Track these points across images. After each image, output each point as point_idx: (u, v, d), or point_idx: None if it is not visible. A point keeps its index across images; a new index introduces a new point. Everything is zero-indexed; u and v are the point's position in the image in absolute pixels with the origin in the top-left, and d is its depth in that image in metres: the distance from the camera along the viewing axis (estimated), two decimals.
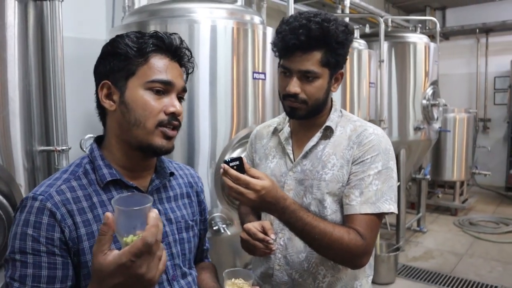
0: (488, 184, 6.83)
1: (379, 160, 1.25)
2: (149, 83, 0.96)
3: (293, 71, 1.24)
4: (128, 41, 0.97)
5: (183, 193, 1.15)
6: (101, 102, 0.99)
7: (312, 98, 1.26)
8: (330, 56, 1.23)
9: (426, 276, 3.90)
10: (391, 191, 1.25)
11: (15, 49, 1.48)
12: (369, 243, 1.20)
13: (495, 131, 7.13)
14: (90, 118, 3.22)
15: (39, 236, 0.86)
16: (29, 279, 0.85)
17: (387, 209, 1.22)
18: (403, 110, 4.40)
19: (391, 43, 4.32)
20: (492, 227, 5.26)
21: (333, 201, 1.28)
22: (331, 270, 1.31)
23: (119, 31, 2.31)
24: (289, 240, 1.33)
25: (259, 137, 1.51)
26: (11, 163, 1.48)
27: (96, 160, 0.99)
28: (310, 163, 1.32)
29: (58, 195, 0.91)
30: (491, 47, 7.02)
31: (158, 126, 0.96)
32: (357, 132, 1.30)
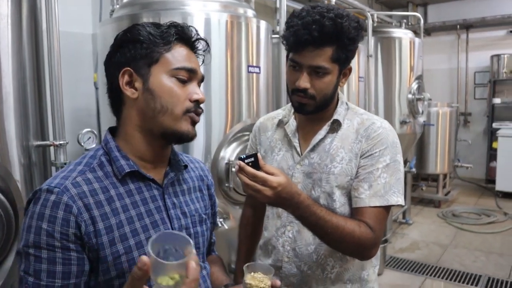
0: (469, 177, 6.99)
1: (387, 153, 1.26)
2: (175, 70, 0.96)
3: (303, 66, 1.23)
4: (150, 29, 0.96)
5: (196, 187, 1.14)
6: (122, 90, 0.96)
7: (321, 93, 1.26)
8: (341, 52, 1.23)
9: (413, 266, 3.98)
10: (399, 183, 1.27)
11: (8, 40, 1.44)
12: (378, 235, 1.22)
13: (476, 125, 7.31)
14: (77, 113, 3.17)
15: (54, 231, 0.84)
16: (43, 274, 0.83)
17: (395, 202, 1.24)
18: (389, 104, 4.46)
19: (377, 38, 4.36)
20: (475, 218, 5.39)
21: (341, 194, 1.29)
22: (339, 261, 1.32)
23: (110, 24, 2.28)
24: (298, 232, 1.34)
25: (264, 129, 1.50)
26: (7, 159, 1.44)
27: (113, 152, 0.97)
28: (318, 156, 1.32)
29: (74, 188, 0.88)
30: (472, 43, 7.17)
31: (186, 112, 0.96)
32: (365, 125, 1.31)
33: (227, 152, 2.19)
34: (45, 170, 1.63)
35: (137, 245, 0.93)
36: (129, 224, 0.93)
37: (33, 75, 1.56)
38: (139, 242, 0.93)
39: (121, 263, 0.90)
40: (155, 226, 0.97)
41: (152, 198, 0.99)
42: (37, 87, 1.59)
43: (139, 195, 0.97)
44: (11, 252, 1.42)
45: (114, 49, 0.99)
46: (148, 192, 0.99)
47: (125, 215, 0.93)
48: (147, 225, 0.96)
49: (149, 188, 0.99)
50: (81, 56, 3.16)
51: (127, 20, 2.16)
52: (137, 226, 0.94)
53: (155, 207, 0.99)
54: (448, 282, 3.67)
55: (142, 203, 0.97)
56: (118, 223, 0.91)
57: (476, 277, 3.73)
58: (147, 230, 0.95)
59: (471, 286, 3.57)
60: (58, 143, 1.53)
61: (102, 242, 0.88)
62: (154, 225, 0.97)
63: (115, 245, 0.90)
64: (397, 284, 3.64)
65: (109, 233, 0.90)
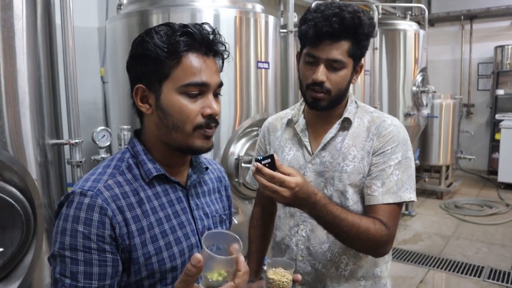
0: (471, 168, 7.02)
1: (399, 150, 1.27)
2: (184, 87, 0.92)
3: (320, 59, 1.24)
4: (158, 41, 0.91)
5: (215, 188, 1.16)
6: (137, 106, 0.97)
7: (336, 87, 1.26)
8: (356, 47, 1.24)
9: (416, 258, 4.02)
10: (411, 180, 1.28)
11: (23, 41, 1.45)
12: (392, 232, 1.23)
13: (478, 116, 7.31)
14: (84, 107, 3.19)
15: (90, 233, 0.85)
16: (80, 276, 0.85)
17: (408, 198, 1.26)
18: (393, 97, 4.47)
19: (382, 30, 4.36)
20: (477, 209, 5.43)
21: (354, 192, 1.30)
22: (353, 258, 1.34)
23: (119, 20, 2.29)
24: (311, 231, 1.35)
25: (273, 129, 1.50)
26: (24, 157, 1.46)
27: (140, 155, 0.98)
28: (330, 155, 1.33)
29: (107, 191, 0.90)
30: (475, 33, 7.14)
31: (196, 128, 0.94)
32: (376, 123, 1.31)
33: (237, 147, 2.21)
34: (60, 168, 1.66)
35: (167, 246, 0.95)
36: (158, 225, 0.95)
37: (48, 73, 1.58)
38: (168, 243, 0.96)
39: (152, 264, 0.93)
40: (182, 227, 1.00)
41: (178, 200, 1.01)
42: (51, 85, 1.60)
43: (166, 197, 0.99)
44: (30, 249, 1.45)
45: (130, 61, 0.98)
46: (173, 194, 1.01)
47: (155, 217, 0.95)
48: (175, 226, 0.98)
49: (174, 190, 1.02)
50: (87, 50, 3.16)
51: (136, 16, 2.17)
52: (166, 227, 0.96)
53: (181, 209, 1.01)
54: (451, 274, 3.72)
55: (169, 205, 0.99)
56: (149, 225, 0.94)
57: (478, 268, 3.77)
58: (175, 231, 0.98)
59: (474, 277, 3.62)
60: (74, 142, 1.55)
61: (134, 243, 0.90)
62: (181, 226, 1.00)
63: (146, 246, 0.92)
64: (401, 275, 3.69)
65: (141, 234, 0.92)
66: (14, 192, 1.38)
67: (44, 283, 1.53)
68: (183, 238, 0.98)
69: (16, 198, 1.38)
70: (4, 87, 1.38)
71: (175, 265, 0.95)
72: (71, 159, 1.57)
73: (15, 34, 1.42)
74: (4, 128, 1.38)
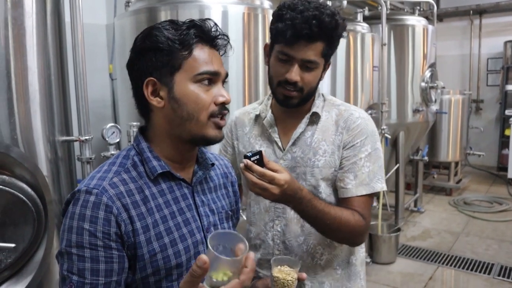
0: (481, 164, 6.96)
1: (368, 142, 1.31)
2: (198, 75, 0.94)
3: (295, 59, 1.24)
4: (168, 34, 0.93)
5: (221, 184, 1.16)
6: (148, 100, 0.96)
7: (308, 86, 1.28)
8: (329, 48, 1.27)
9: (425, 255, 4.01)
10: (381, 170, 1.33)
11: (33, 38, 1.46)
12: (368, 221, 1.30)
13: (488, 112, 7.24)
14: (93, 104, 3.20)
15: (96, 230, 0.86)
16: (87, 273, 0.86)
17: (380, 188, 1.31)
18: (402, 92, 4.44)
19: (390, 25, 4.31)
20: (486, 206, 5.39)
21: (326, 185, 1.33)
22: (328, 248, 1.37)
23: (128, 17, 2.29)
24: (286, 226, 1.37)
25: (240, 124, 1.49)
26: (35, 154, 1.47)
27: (145, 152, 0.99)
28: (300, 150, 1.34)
29: (112, 189, 0.91)
30: (485, 28, 7.06)
31: (210, 117, 0.95)
32: (344, 117, 1.34)
33: None
34: (70, 165, 1.67)
35: (171, 243, 0.95)
36: (163, 223, 0.96)
37: (58, 71, 1.59)
38: (174, 239, 0.96)
39: (157, 261, 0.93)
40: (187, 224, 1.00)
41: (183, 197, 1.01)
42: (61, 83, 1.61)
43: (171, 194, 0.99)
44: (41, 244, 1.46)
45: (135, 56, 0.98)
46: (179, 191, 1.01)
47: (159, 214, 0.96)
48: (180, 223, 0.98)
49: (180, 187, 1.02)
50: (95, 47, 3.17)
51: (144, 13, 2.18)
52: (170, 224, 0.97)
53: (186, 205, 1.01)
54: (460, 271, 3.69)
55: (174, 202, 0.99)
56: (154, 222, 0.94)
57: (488, 265, 3.74)
58: (180, 228, 0.98)
59: (484, 274, 3.59)
60: (84, 139, 1.55)
61: (139, 241, 0.91)
62: (186, 223, 1.00)
63: (151, 243, 0.92)
64: (410, 272, 3.67)
65: (146, 232, 0.92)
66: (25, 188, 1.39)
67: (55, 278, 1.54)
68: (188, 235, 0.99)
69: (27, 194, 1.39)
70: (15, 85, 1.39)
71: (180, 261, 0.96)
72: (81, 156, 1.58)
73: (26, 32, 1.42)
74: (15, 125, 1.39)
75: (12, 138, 1.38)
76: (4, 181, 1.35)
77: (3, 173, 1.36)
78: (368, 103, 3.46)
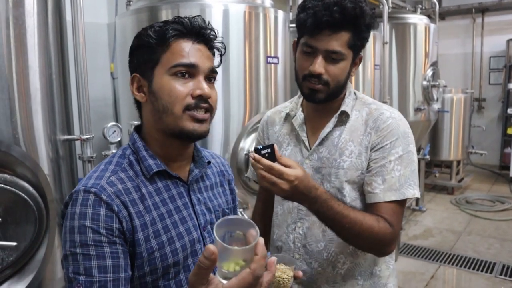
0: (483, 163, 6.95)
1: (399, 144, 1.21)
2: (173, 68, 0.94)
3: (319, 50, 1.18)
4: (150, 32, 0.97)
5: (217, 182, 1.16)
6: (134, 95, 1.00)
7: (335, 80, 1.21)
8: (357, 39, 1.20)
9: (426, 253, 4.00)
10: (414, 175, 1.22)
11: (35, 37, 1.46)
12: (397, 230, 1.18)
13: (490, 110, 7.23)
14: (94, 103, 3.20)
15: (99, 227, 0.86)
16: (95, 270, 0.84)
17: (412, 195, 1.21)
18: (403, 91, 4.43)
19: (392, 24, 4.31)
20: (488, 205, 5.38)
21: (352, 189, 1.25)
22: (350, 257, 1.29)
23: (129, 16, 2.29)
24: (308, 229, 1.31)
25: (271, 123, 1.46)
26: (36, 153, 1.47)
27: (140, 151, 0.99)
28: (327, 151, 1.28)
29: (110, 187, 0.91)
30: (487, 27, 7.04)
31: (185, 110, 0.94)
32: (374, 116, 1.26)
33: (246, 143, 2.21)
34: (72, 164, 1.67)
35: (169, 241, 0.95)
36: (160, 220, 0.96)
37: (59, 70, 1.59)
38: (171, 238, 0.96)
39: (154, 259, 0.93)
40: (183, 222, 1.00)
41: (179, 195, 1.02)
42: (62, 82, 1.61)
43: (167, 193, 1.00)
44: (43, 243, 1.47)
45: (129, 55, 1.02)
46: (175, 190, 1.01)
47: (157, 212, 0.96)
48: (176, 221, 0.98)
49: (176, 185, 1.02)
50: (97, 46, 3.17)
51: (146, 12, 2.17)
52: (167, 222, 0.97)
53: (183, 204, 1.01)
54: (462, 270, 3.69)
55: (170, 201, 0.99)
56: (151, 220, 0.94)
57: (490, 264, 3.74)
58: (177, 226, 0.98)
59: (486, 273, 3.59)
60: (85, 137, 1.56)
61: (138, 238, 0.91)
62: (183, 221, 1.00)
63: (149, 241, 0.92)
64: (411, 271, 3.67)
65: (144, 229, 0.92)
66: (27, 187, 1.40)
67: (57, 277, 1.55)
68: (185, 233, 0.99)
69: (28, 193, 1.40)
70: (16, 84, 1.39)
71: (177, 260, 0.96)
72: (82, 155, 1.59)
73: (27, 31, 1.43)
74: (16, 124, 1.39)
75: (13, 137, 1.39)
76: (5, 180, 1.35)
77: (4, 172, 1.36)
78: None
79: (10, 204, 1.34)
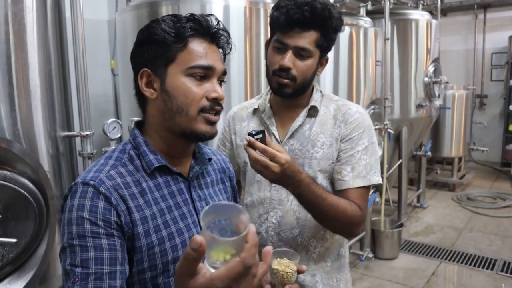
0: (484, 160, 6.93)
1: (365, 136, 1.34)
2: (190, 69, 0.94)
3: (289, 46, 1.27)
4: (165, 26, 0.94)
5: (218, 179, 1.15)
6: (141, 91, 0.98)
7: (302, 75, 1.30)
8: (324, 39, 1.29)
9: (427, 250, 4.00)
10: (377, 164, 1.36)
11: (34, 33, 1.46)
12: (364, 213, 1.31)
13: (492, 107, 7.20)
14: (95, 100, 3.20)
15: (97, 219, 0.85)
16: (91, 262, 0.84)
17: (376, 181, 1.34)
18: (405, 87, 4.41)
19: (393, 20, 4.28)
20: (490, 202, 5.37)
21: (323, 177, 1.36)
22: (321, 241, 1.40)
23: (129, 12, 2.29)
24: (282, 217, 1.38)
25: (239, 118, 1.51)
26: (36, 150, 1.47)
27: (141, 146, 0.99)
28: (298, 143, 1.37)
29: (109, 180, 0.91)
30: (489, 23, 7.01)
31: (200, 112, 0.95)
32: (342, 111, 1.37)
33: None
34: (72, 160, 1.67)
35: (169, 236, 0.95)
36: (160, 216, 0.95)
37: (58, 67, 1.59)
38: (171, 233, 0.96)
39: (154, 254, 0.92)
40: (183, 219, 0.99)
41: (180, 191, 1.01)
42: (62, 78, 1.61)
43: (167, 189, 0.99)
44: (43, 239, 1.47)
45: (135, 48, 1.00)
46: (175, 186, 1.01)
47: (157, 207, 0.95)
48: (176, 217, 0.98)
49: (176, 181, 1.01)
50: (97, 43, 3.17)
51: (146, 8, 2.17)
52: (167, 218, 0.96)
53: (182, 200, 1.01)
54: (463, 266, 3.69)
55: (170, 196, 0.99)
56: (152, 215, 0.94)
57: (491, 261, 3.73)
58: (177, 222, 0.98)
59: (487, 270, 3.59)
60: (85, 134, 1.55)
61: (138, 232, 0.91)
62: (183, 217, 0.99)
63: (149, 235, 0.92)
64: (412, 268, 3.67)
65: (144, 223, 0.92)
66: (27, 183, 1.40)
67: (58, 274, 1.55)
68: (185, 229, 0.98)
69: (29, 190, 1.40)
70: (16, 80, 1.39)
71: (176, 256, 0.95)
72: (82, 151, 1.58)
73: (26, 27, 1.42)
74: (16, 120, 1.39)
75: (13, 134, 1.38)
76: (5, 176, 1.35)
77: (5, 168, 1.36)
78: (371, 98, 3.44)
79: (10, 200, 1.34)
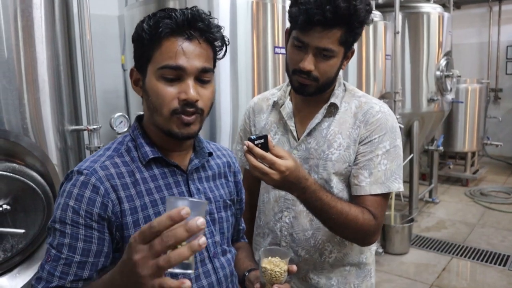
0: (498, 155, 6.82)
1: (387, 139, 1.23)
2: (160, 70, 0.92)
3: (309, 46, 1.17)
4: (145, 25, 0.93)
5: (220, 173, 1.16)
6: (133, 88, 1.01)
7: (325, 76, 1.22)
8: (349, 35, 1.18)
9: (439, 245, 3.96)
10: (399, 169, 1.25)
11: (42, 29, 1.48)
12: (380, 222, 1.22)
13: (506, 101, 7.06)
14: (106, 95, 3.23)
15: (80, 208, 0.89)
16: (65, 248, 0.88)
17: (397, 188, 1.24)
18: (416, 81, 4.36)
19: (404, 13, 4.24)
20: (503, 197, 5.29)
21: (339, 180, 1.27)
22: (338, 246, 1.32)
23: (137, 7, 2.30)
24: (295, 218, 1.33)
25: (258, 110, 1.45)
26: (45, 144, 1.50)
27: (138, 138, 1.01)
28: (315, 142, 1.29)
29: (102, 170, 0.93)
30: (504, 15, 6.86)
31: (173, 113, 0.93)
32: (363, 110, 1.27)
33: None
34: (80, 154, 1.70)
35: None
36: (152, 206, 0.96)
37: (66, 62, 1.61)
38: None
39: None
40: None
41: (176, 184, 1.02)
42: (70, 73, 1.64)
43: (163, 180, 1.00)
44: None
45: None
46: (172, 178, 1.02)
47: (149, 198, 0.97)
48: None
49: (173, 173, 1.02)
50: (108, 38, 3.21)
51: (154, 3, 2.18)
52: (160, 209, 0.97)
53: (178, 192, 1.02)
54: (475, 262, 3.65)
55: (166, 188, 1.00)
56: (143, 205, 0.95)
57: (504, 257, 3.68)
58: None
59: (499, 266, 3.54)
60: (92, 128, 1.58)
61: (126, 222, 0.93)
62: None
63: (139, 226, 0.93)
64: (423, 263, 3.64)
65: (134, 213, 0.94)
66: (36, 176, 1.43)
67: None
68: None
69: (37, 183, 1.43)
70: (25, 75, 1.42)
71: None
72: (89, 145, 1.61)
73: (34, 23, 1.45)
74: (25, 115, 1.42)
75: (22, 128, 1.41)
76: (14, 169, 1.38)
77: (13, 161, 1.40)
78: (381, 92, 3.41)
79: (19, 193, 1.38)
